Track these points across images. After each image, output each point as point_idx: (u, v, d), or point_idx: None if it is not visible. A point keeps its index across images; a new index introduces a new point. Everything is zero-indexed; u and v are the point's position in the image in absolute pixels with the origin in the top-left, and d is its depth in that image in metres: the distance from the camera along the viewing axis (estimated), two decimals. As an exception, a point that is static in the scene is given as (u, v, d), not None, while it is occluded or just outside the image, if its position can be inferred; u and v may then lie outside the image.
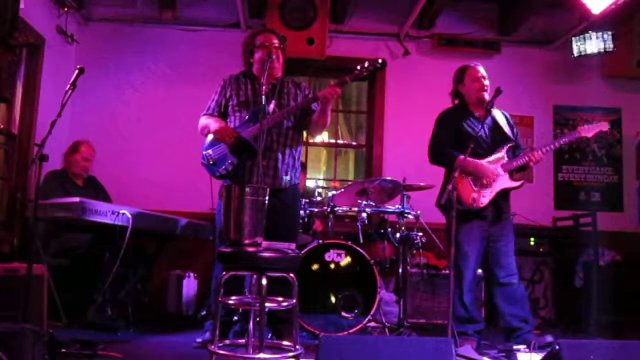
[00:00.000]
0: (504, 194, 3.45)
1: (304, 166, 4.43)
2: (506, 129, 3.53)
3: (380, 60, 3.12)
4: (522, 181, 3.45)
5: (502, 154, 3.45)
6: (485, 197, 3.39)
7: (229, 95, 3.34)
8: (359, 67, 3.12)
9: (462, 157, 3.19)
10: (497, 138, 3.49)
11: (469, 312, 3.41)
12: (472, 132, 3.42)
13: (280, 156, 3.22)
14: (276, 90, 3.29)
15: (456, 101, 3.67)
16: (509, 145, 3.47)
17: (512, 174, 3.46)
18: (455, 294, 3.45)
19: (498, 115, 3.58)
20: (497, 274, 3.45)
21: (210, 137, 3.28)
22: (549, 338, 3.30)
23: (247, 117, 3.23)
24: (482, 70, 3.57)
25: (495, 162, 3.43)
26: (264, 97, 2.99)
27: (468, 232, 3.44)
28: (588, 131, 3.47)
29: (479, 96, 3.51)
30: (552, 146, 3.47)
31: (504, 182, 3.41)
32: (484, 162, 3.41)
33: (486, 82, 3.53)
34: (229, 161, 3.19)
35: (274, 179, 3.19)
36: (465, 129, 3.44)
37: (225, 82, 3.39)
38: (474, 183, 3.42)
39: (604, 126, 3.51)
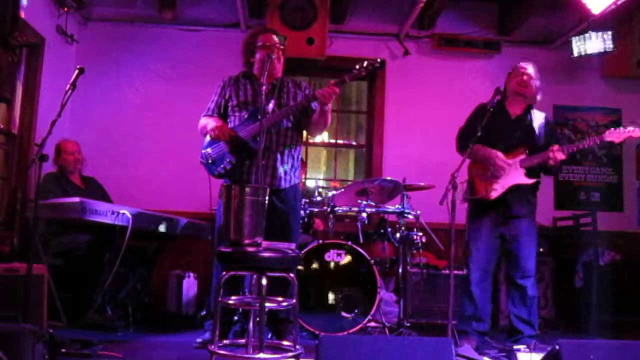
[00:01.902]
0: (517, 193, 3.40)
1: (302, 162, 4.43)
2: (539, 130, 3.47)
3: (379, 60, 3.12)
4: (535, 179, 3.38)
5: (522, 150, 3.40)
6: (496, 191, 3.37)
7: (228, 96, 3.33)
8: (357, 67, 3.12)
9: (477, 146, 3.24)
10: (524, 137, 3.45)
11: (476, 307, 3.41)
12: (495, 127, 3.38)
13: (279, 156, 3.22)
14: (276, 90, 3.29)
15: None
16: (534, 144, 3.41)
17: (533, 172, 3.39)
18: (464, 289, 3.47)
19: (536, 116, 3.51)
20: (511, 275, 3.47)
21: (209, 136, 3.28)
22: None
23: (246, 116, 3.23)
24: (529, 69, 3.50)
25: (513, 157, 3.40)
26: (263, 96, 2.99)
27: (477, 229, 3.47)
28: (616, 136, 3.27)
29: (516, 89, 3.46)
30: (574, 148, 3.32)
31: (517, 177, 3.37)
32: (499, 153, 3.39)
33: (524, 78, 3.46)
34: (228, 160, 3.19)
35: (272, 178, 3.19)
36: (491, 123, 3.35)
37: (224, 83, 3.39)
38: (487, 175, 3.42)
39: (636, 132, 3.25)
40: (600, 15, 4.38)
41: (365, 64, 3.11)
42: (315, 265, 3.69)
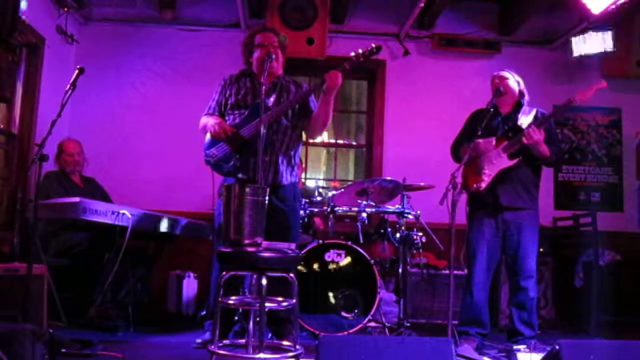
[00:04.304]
0: (509, 182, 3.41)
1: (300, 161, 4.43)
2: (523, 122, 3.48)
3: (374, 45, 3.14)
4: (517, 159, 3.38)
5: (504, 140, 3.43)
6: (485, 181, 3.41)
7: (228, 95, 3.34)
8: (353, 54, 3.14)
9: (464, 147, 3.30)
10: (508, 129, 3.48)
11: (478, 311, 3.40)
12: (489, 129, 3.41)
13: (280, 153, 3.22)
14: (277, 88, 3.30)
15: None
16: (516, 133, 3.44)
17: (514, 156, 3.40)
18: (465, 291, 3.47)
19: (526, 113, 3.54)
20: (511, 276, 3.47)
21: (209, 135, 3.28)
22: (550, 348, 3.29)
23: (246, 114, 3.23)
24: (500, 74, 3.58)
25: (497, 145, 3.44)
26: (263, 96, 2.99)
27: (476, 229, 3.47)
28: (584, 94, 3.38)
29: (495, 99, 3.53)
30: (545, 120, 3.36)
31: (502, 162, 3.40)
32: (477, 140, 3.41)
33: (497, 81, 3.55)
34: (236, 157, 3.19)
35: (275, 174, 3.19)
36: (485, 127, 3.36)
37: (225, 81, 3.39)
38: (477, 168, 3.45)
39: (602, 84, 3.40)
40: (600, 15, 4.38)
41: (361, 50, 3.14)
42: (315, 265, 3.69)
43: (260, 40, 3.29)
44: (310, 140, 5.44)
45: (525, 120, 3.50)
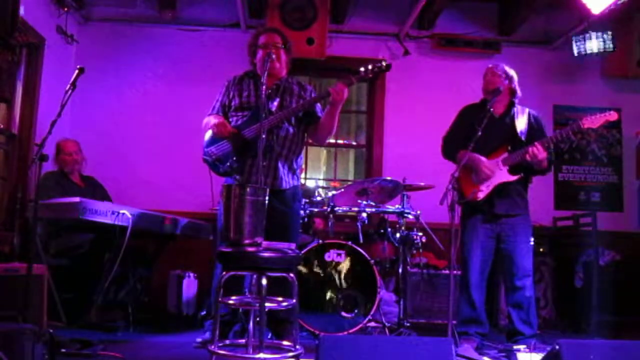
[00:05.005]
0: (506, 191, 3.42)
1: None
2: (521, 128, 3.48)
3: (384, 63, 3.13)
4: (518, 175, 3.38)
5: (504, 149, 3.42)
6: (482, 192, 3.40)
7: (232, 96, 3.34)
8: (362, 69, 3.13)
9: (462, 152, 3.27)
10: (506, 135, 3.47)
11: (475, 311, 3.40)
12: (480, 128, 3.40)
13: (281, 157, 3.22)
14: (280, 90, 3.29)
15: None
16: (516, 142, 3.42)
17: (515, 170, 3.40)
18: (461, 292, 3.47)
19: (520, 115, 3.52)
20: (507, 277, 3.46)
21: (209, 134, 3.28)
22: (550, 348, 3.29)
23: (248, 116, 3.23)
24: (492, 68, 3.56)
25: (496, 156, 3.42)
26: (264, 96, 2.99)
27: (470, 231, 3.47)
28: (592, 122, 3.26)
29: (485, 95, 3.55)
30: (551, 140, 3.31)
31: (501, 176, 3.39)
32: (483, 158, 3.41)
33: (487, 77, 3.54)
34: (234, 158, 3.19)
35: (274, 179, 3.19)
36: (476, 125, 3.31)
37: (229, 82, 3.40)
38: (474, 177, 3.44)
39: (612, 116, 3.27)
40: (600, 15, 4.38)
41: (370, 66, 3.12)
42: (315, 265, 3.69)
43: (263, 41, 3.29)
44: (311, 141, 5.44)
45: (521, 123, 3.49)
